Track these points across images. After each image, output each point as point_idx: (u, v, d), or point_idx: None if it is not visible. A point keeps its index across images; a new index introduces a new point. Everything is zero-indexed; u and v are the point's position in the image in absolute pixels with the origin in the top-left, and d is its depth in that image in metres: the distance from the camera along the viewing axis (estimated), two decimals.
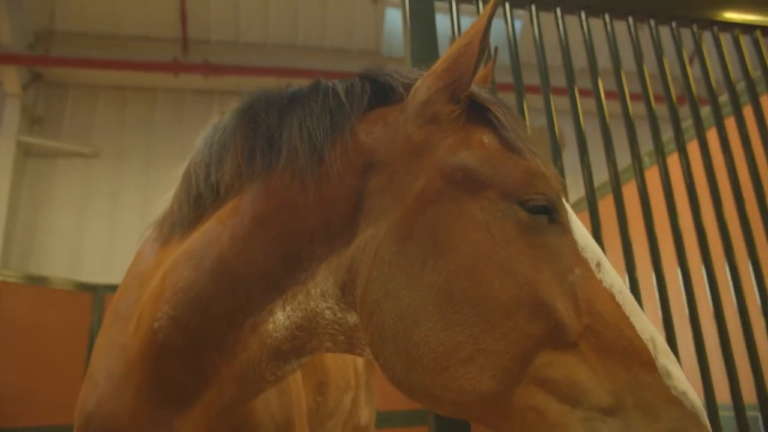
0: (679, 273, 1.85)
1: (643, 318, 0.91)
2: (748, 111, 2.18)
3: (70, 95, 10.62)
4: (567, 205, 1.02)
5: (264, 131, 1.14)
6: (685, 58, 2.12)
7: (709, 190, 1.98)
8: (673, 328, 1.74)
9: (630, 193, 1.99)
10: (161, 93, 10.95)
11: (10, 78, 9.47)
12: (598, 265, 0.94)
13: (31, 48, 10.03)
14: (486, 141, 1.00)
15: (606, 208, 1.94)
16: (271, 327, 1.08)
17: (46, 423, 5.67)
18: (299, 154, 1.07)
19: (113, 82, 10.66)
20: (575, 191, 7.10)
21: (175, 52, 10.56)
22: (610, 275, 0.94)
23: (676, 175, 1.98)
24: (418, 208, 0.96)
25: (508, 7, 1.97)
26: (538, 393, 0.85)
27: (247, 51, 10.82)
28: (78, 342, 6.17)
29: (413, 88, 1.06)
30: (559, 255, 0.93)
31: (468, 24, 1.06)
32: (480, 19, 0.99)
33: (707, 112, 2.92)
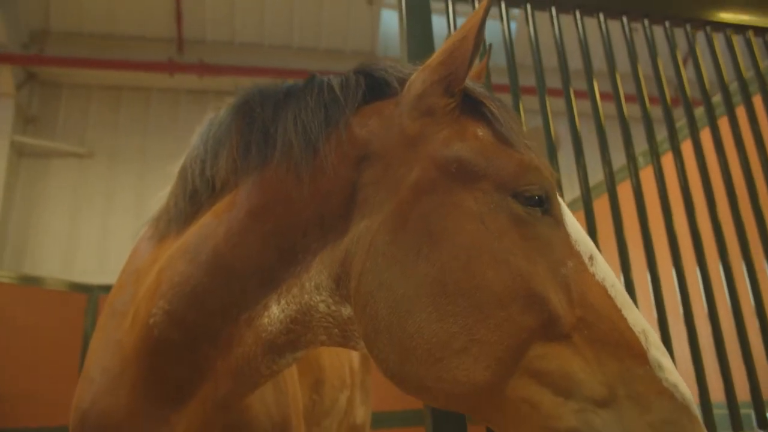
0: (673, 272, 1.86)
1: (635, 311, 0.91)
2: (741, 111, 2.19)
3: (65, 95, 10.56)
4: (560, 200, 1.02)
5: (259, 126, 1.14)
6: (678, 59, 2.14)
7: (703, 190, 2.00)
8: (667, 327, 1.75)
9: (624, 192, 2.00)
10: (156, 93, 10.90)
11: (4, 77, 9.42)
12: (591, 258, 0.95)
13: (26, 47, 9.98)
14: (480, 134, 1.01)
15: (601, 208, 1.95)
16: (266, 321, 1.08)
17: (40, 424, 5.63)
18: (294, 148, 1.07)
19: (108, 82, 10.61)
20: (570, 191, 7.11)
21: (170, 52, 10.52)
22: (603, 269, 0.94)
23: (671, 174, 1.99)
24: (412, 199, 0.97)
25: (504, 6, 1.98)
26: (532, 384, 0.85)
27: (243, 51, 10.79)
28: (72, 343, 6.13)
29: (408, 82, 1.07)
30: (552, 247, 0.94)
31: None
32: (475, 14, 1.00)
33: (701, 112, 2.94)
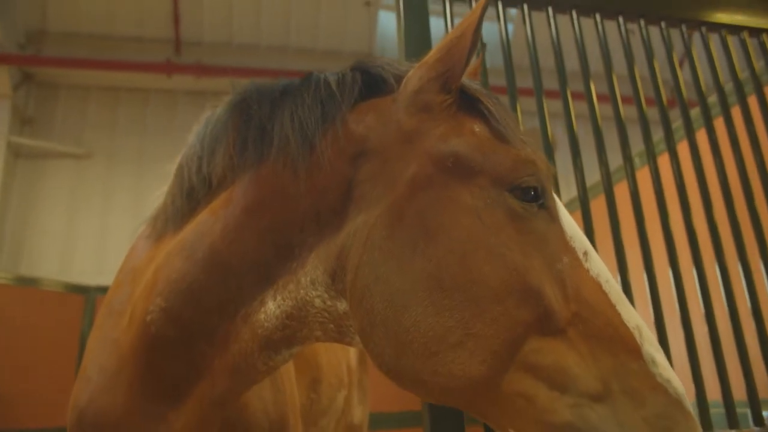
0: (669, 272, 1.87)
1: (629, 307, 0.92)
2: (737, 112, 2.20)
3: (62, 96, 10.54)
4: (555, 197, 1.03)
5: (256, 122, 1.14)
6: (675, 60, 2.15)
7: (699, 191, 2.00)
8: (664, 327, 1.76)
9: (621, 192, 2.01)
10: (153, 94, 10.89)
11: (1, 78, 9.38)
12: (585, 254, 0.95)
13: (23, 48, 9.96)
14: (477, 130, 1.01)
15: (597, 208, 1.95)
16: (262, 317, 1.08)
17: (38, 425, 5.61)
18: (291, 143, 1.07)
19: (105, 82, 10.59)
20: (567, 192, 7.12)
21: (167, 53, 10.51)
22: (597, 265, 0.95)
23: (667, 174, 2.00)
24: (409, 194, 0.97)
25: (501, 6, 1.98)
26: (527, 379, 0.86)
27: (240, 52, 10.79)
28: (69, 344, 6.11)
29: (405, 78, 1.07)
30: (547, 242, 0.94)
31: None
32: (473, 12, 1.00)
33: (696, 113, 2.95)
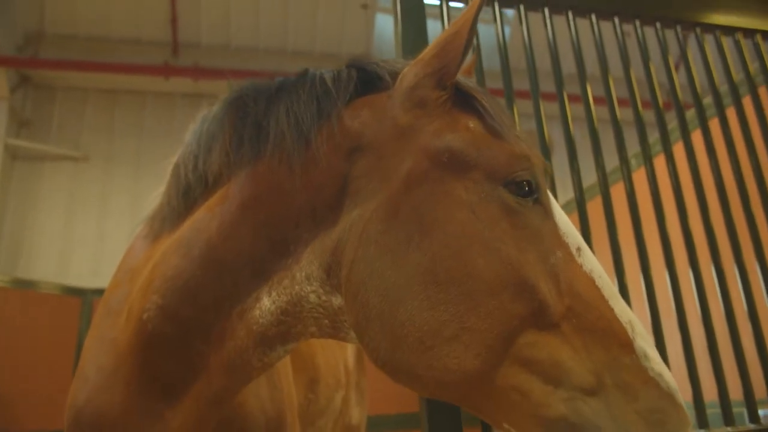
0: (666, 273, 1.88)
1: (621, 302, 0.93)
2: (731, 113, 2.21)
3: (59, 98, 10.54)
4: (549, 194, 1.03)
5: (252, 119, 1.15)
6: (670, 62, 2.16)
7: (695, 192, 2.01)
8: (661, 328, 1.76)
9: (617, 194, 2.02)
10: (151, 96, 10.89)
11: None
12: (578, 249, 0.96)
13: (20, 50, 9.97)
14: (471, 126, 1.02)
15: (594, 210, 1.96)
16: (257, 313, 1.09)
17: (36, 427, 5.60)
18: (286, 139, 1.08)
19: (103, 85, 10.59)
20: (564, 194, 7.14)
21: (165, 56, 10.52)
22: (590, 260, 0.96)
23: (663, 176, 2.01)
24: (404, 189, 0.98)
25: (497, 7, 1.99)
26: (522, 373, 0.86)
27: (238, 55, 10.81)
28: (66, 346, 6.10)
29: (401, 75, 1.08)
30: (541, 237, 0.95)
31: None
32: (468, 9, 1.01)
33: (692, 114, 2.96)
